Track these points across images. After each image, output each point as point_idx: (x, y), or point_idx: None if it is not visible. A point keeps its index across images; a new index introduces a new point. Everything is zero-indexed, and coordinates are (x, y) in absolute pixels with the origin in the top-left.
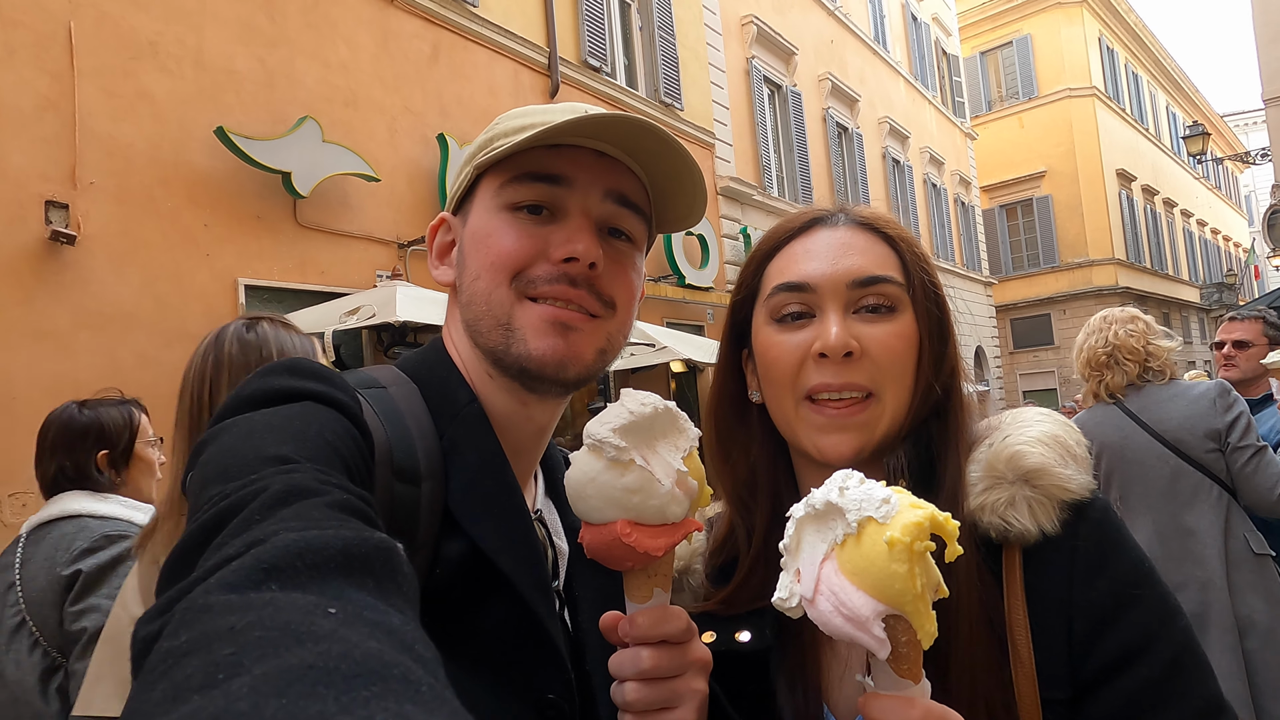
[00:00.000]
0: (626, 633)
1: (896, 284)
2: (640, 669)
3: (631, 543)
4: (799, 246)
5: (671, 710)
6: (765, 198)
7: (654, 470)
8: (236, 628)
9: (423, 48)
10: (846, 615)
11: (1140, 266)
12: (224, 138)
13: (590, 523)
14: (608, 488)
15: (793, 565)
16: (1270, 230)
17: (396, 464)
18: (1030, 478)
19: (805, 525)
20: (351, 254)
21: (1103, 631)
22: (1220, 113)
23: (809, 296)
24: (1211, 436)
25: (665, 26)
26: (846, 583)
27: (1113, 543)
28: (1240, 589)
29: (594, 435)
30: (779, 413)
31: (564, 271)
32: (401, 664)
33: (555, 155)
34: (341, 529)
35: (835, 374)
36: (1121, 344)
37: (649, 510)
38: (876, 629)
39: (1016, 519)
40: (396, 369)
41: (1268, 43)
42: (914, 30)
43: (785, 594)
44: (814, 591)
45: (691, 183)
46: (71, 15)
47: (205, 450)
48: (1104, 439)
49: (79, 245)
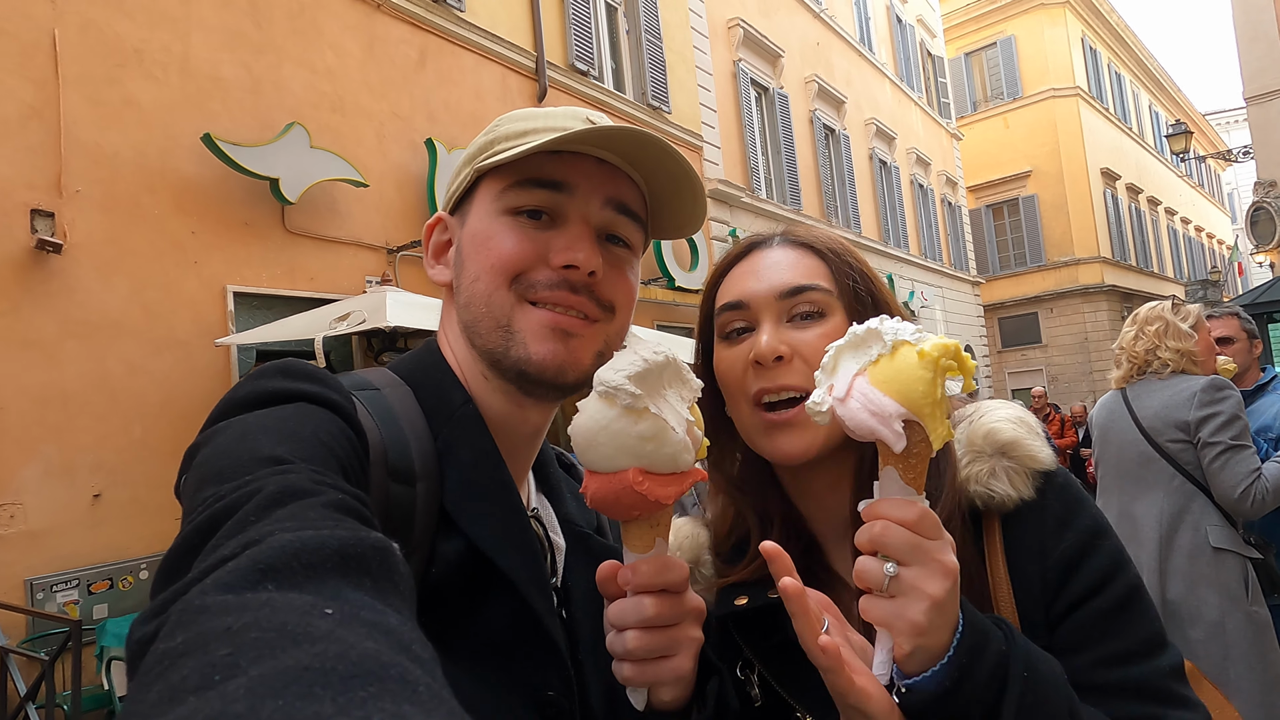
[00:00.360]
0: (628, 581)
1: (823, 290)
2: (643, 617)
3: (644, 491)
4: (740, 269)
5: (670, 658)
6: (754, 200)
7: (666, 418)
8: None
9: (409, 53)
10: (872, 411)
11: (1126, 264)
12: (211, 144)
13: (599, 471)
14: (621, 435)
15: (826, 382)
16: (1253, 227)
17: (391, 464)
18: (1006, 450)
19: (844, 351)
20: (341, 260)
21: (1070, 576)
22: (1202, 111)
23: (747, 313)
24: (1180, 428)
25: (652, 30)
26: (875, 389)
27: (1076, 501)
28: (1189, 579)
29: (608, 383)
30: (739, 421)
31: (564, 278)
32: (399, 664)
33: (557, 162)
34: (337, 529)
35: (770, 378)
36: (1127, 347)
37: (661, 458)
38: (897, 424)
39: (999, 487)
40: (390, 371)
41: (1249, 42)
42: (899, 32)
43: (818, 399)
44: (846, 394)
45: (692, 192)
46: (56, 23)
47: (199, 453)
48: (1101, 422)
49: (65, 254)
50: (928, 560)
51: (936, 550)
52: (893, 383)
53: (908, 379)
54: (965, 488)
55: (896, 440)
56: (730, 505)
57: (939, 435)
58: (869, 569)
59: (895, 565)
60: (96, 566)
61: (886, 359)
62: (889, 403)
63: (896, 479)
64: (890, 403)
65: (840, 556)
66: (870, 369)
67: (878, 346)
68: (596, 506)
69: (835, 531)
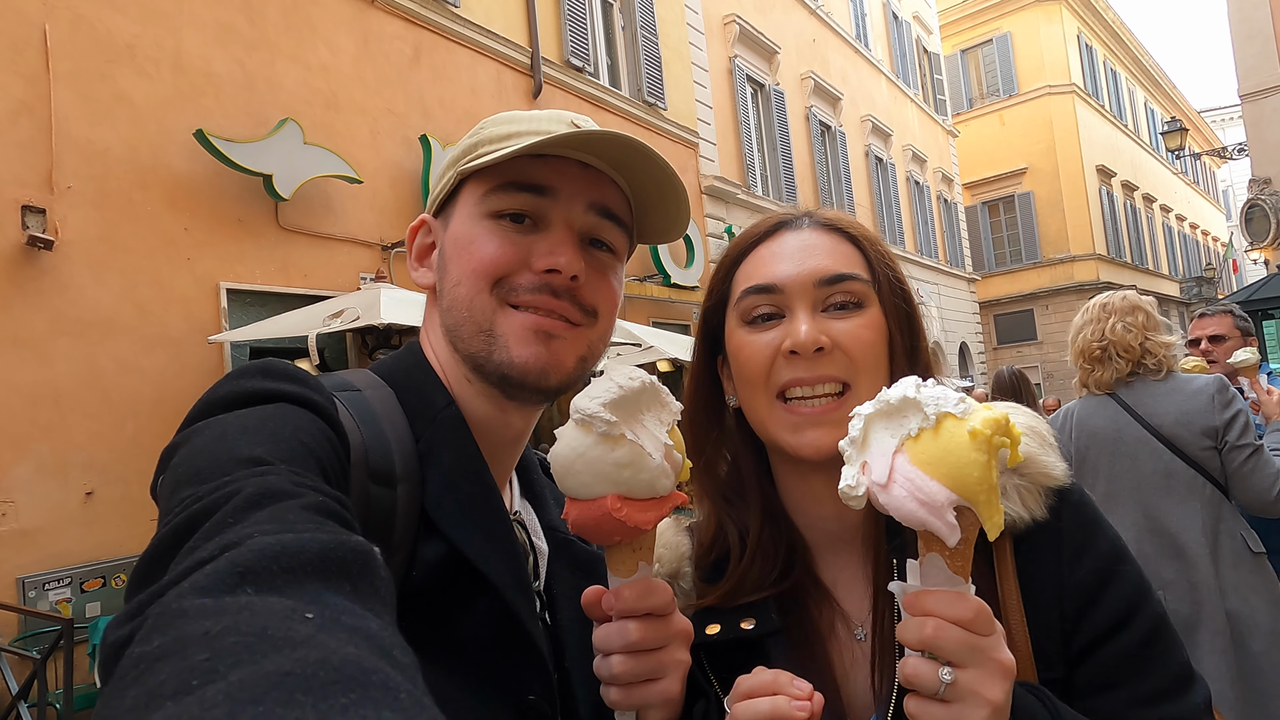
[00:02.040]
0: (612, 606)
1: (862, 280)
2: (628, 641)
3: (622, 517)
4: (766, 250)
5: (656, 681)
6: (749, 197)
7: (644, 444)
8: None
9: (404, 49)
10: (922, 500)
11: (1121, 261)
12: (204, 140)
13: (578, 498)
14: (598, 463)
15: (858, 458)
16: (1248, 224)
17: (372, 466)
18: (1017, 467)
19: (874, 421)
20: (335, 257)
21: (1091, 607)
22: (1198, 108)
23: (778, 298)
24: (1208, 434)
25: (648, 26)
26: (921, 472)
27: (1093, 523)
28: (1240, 590)
29: (583, 410)
30: (754, 413)
31: (546, 282)
32: (380, 670)
33: (540, 165)
34: (318, 532)
35: (808, 368)
36: (1118, 340)
37: (639, 484)
38: (949, 515)
39: (1010, 507)
40: (372, 373)
41: (1243, 40)
42: (895, 28)
43: (852, 482)
44: (888, 479)
45: (675, 199)
46: (46, 18)
47: (177, 453)
48: (1095, 430)
49: (57, 250)
50: (986, 661)
51: (993, 649)
52: (940, 465)
53: (959, 462)
54: None
55: (951, 533)
56: (714, 516)
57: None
58: (923, 674)
59: (951, 669)
60: (89, 564)
61: (929, 434)
62: (938, 489)
63: (943, 567)
64: (940, 489)
65: (827, 563)
66: (910, 445)
67: (916, 419)
68: (578, 532)
69: (826, 536)
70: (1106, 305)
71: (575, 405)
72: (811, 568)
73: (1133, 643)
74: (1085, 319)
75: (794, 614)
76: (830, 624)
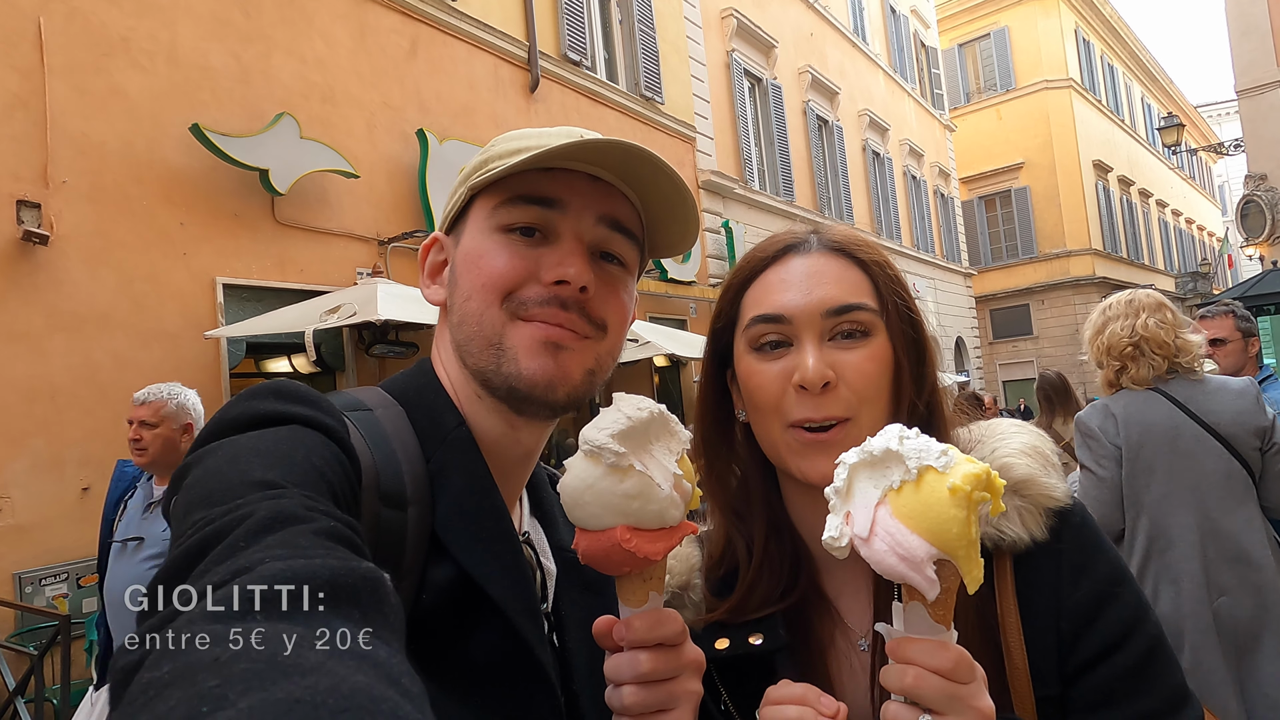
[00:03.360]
0: (623, 637)
1: (870, 310)
2: (639, 672)
3: (631, 548)
4: (774, 275)
5: (668, 712)
6: (747, 191)
7: (652, 474)
8: (221, 659)
9: (401, 42)
10: (901, 555)
11: (1117, 256)
12: (199, 135)
13: (587, 529)
14: (606, 494)
15: (842, 508)
16: (1244, 220)
17: (383, 489)
18: (1019, 488)
19: (859, 471)
20: (331, 251)
21: (1087, 628)
22: (1194, 104)
23: (786, 328)
24: (1258, 435)
25: (645, 20)
26: (902, 526)
27: (1093, 545)
28: None
29: (592, 441)
30: (765, 437)
31: (555, 294)
32: (389, 698)
33: (549, 179)
34: (328, 558)
35: (815, 408)
36: (1151, 335)
37: (648, 515)
38: (929, 570)
39: (1010, 528)
40: (383, 391)
41: (1240, 36)
42: (893, 23)
43: (835, 533)
44: (869, 533)
45: (684, 210)
46: (41, 11)
47: (189, 474)
48: (1150, 425)
49: (52, 245)
50: (965, 710)
51: (972, 696)
52: (921, 519)
53: (938, 517)
54: None
55: (930, 587)
56: (724, 528)
57: (973, 578)
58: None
59: (930, 717)
60: (86, 560)
61: (911, 487)
62: (918, 543)
63: (925, 616)
64: (920, 543)
65: (831, 576)
66: (892, 498)
67: (899, 471)
68: (588, 563)
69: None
70: (1133, 301)
71: (584, 436)
72: (816, 580)
73: (1128, 663)
74: (1109, 315)
75: (799, 627)
76: (832, 635)
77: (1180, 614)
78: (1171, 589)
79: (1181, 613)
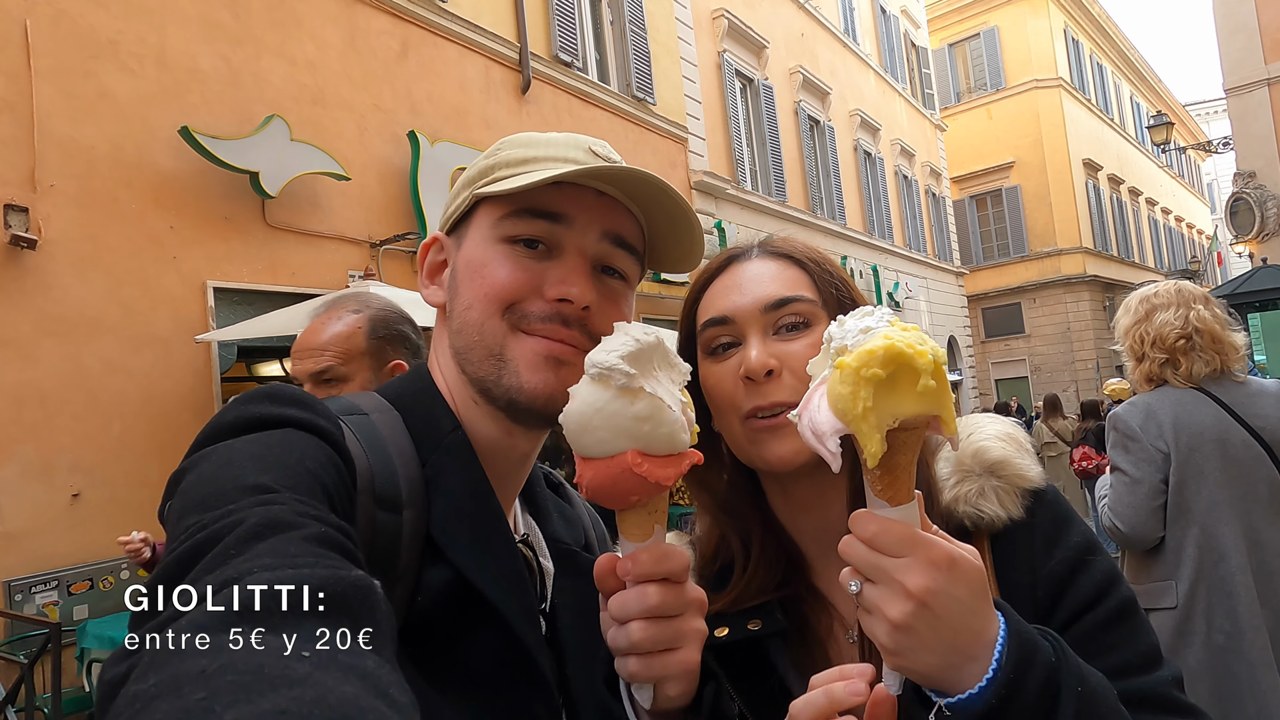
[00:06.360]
0: (628, 571)
1: (808, 301)
2: (647, 606)
3: (643, 473)
4: (719, 284)
5: (676, 650)
6: (739, 191)
7: (662, 397)
8: (208, 671)
9: (391, 44)
10: (814, 430)
11: (1107, 254)
12: (189, 138)
13: (593, 457)
14: (617, 417)
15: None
16: (1233, 218)
17: (378, 492)
18: (995, 469)
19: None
20: (323, 254)
21: (1061, 594)
22: (1183, 102)
23: (732, 328)
24: None
25: (636, 20)
26: (824, 402)
27: (1065, 519)
28: None
29: (600, 364)
30: (729, 435)
31: (557, 310)
32: (376, 709)
33: (556, 193)
34: (318, 567)
35: (762, 395)
36: (1206, 328)
37: (659, 438)
38: (831, 444)
39: (988, 507)
40: (379, 395)
41: (1228, 34)
42: (883, 23)
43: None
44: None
45: (689, 230)
46: (28, 14)
47: (184, 479)
48: (1200, 428)
49: (40, 250)
50: (888, 580)
51: (897, 570)
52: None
53: (836, 394)
54: (954, 508)
55: (833, 460)
56: (715, 528)
57: (871, 454)
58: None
59: (858, 582)
60: (76, 567)
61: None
62: (825, 418)
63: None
64: (826, 418)
65: (822, 571)
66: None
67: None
68: (593, 496)
69: (820, 546)
70: (1182, 290)
71: (591, 360)
72: (808, 576)
73: (1101, 620)
74: (1155, 303)
75: (795, 618)
76: (828, 628)
77: (1239, 629)
78: (1226, 603)
79: (1239, 627)
